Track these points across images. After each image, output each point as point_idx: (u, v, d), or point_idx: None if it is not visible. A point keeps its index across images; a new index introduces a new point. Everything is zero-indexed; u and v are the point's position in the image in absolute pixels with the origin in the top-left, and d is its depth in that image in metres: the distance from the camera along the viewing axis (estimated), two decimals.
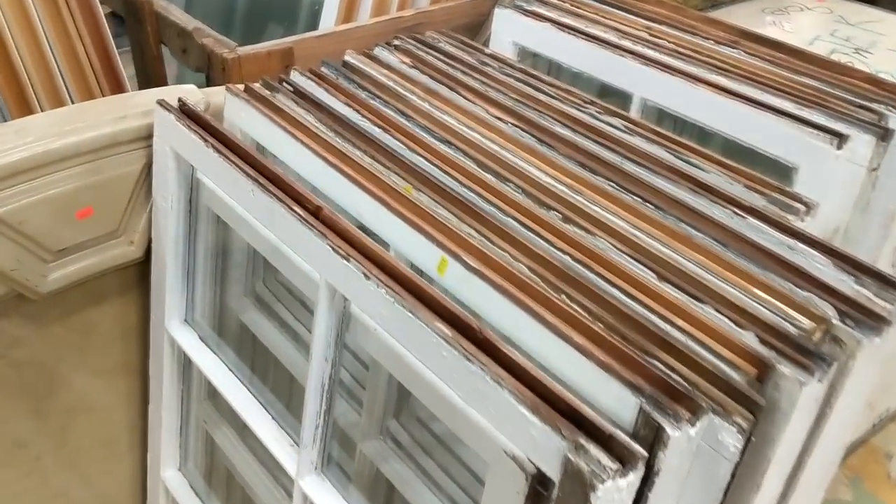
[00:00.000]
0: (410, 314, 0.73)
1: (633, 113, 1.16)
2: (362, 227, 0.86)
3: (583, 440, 0.61)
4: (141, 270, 1.14)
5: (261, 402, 1.01)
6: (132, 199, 1.07)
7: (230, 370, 1.05)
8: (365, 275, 0.77)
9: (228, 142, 0.94)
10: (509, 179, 0.91)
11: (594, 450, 0.61)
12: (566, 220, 0.85)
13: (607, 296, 0.75)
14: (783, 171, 1.04)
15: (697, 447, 0.67)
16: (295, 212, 0.84)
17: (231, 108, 1.05)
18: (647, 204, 0.87)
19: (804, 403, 0.69)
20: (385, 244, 0.87)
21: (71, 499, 1.22)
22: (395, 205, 0.86)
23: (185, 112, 0.99)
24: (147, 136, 1.04)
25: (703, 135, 1.15)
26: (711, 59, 1.15)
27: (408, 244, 0.84)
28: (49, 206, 0.99)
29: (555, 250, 0.81)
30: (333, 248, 0.79)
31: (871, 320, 0.73)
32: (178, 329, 1.10)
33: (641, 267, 0.79)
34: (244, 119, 1.03)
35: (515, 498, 0.67)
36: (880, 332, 0.73)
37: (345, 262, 0.78)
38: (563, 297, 0.76)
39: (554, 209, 0.86)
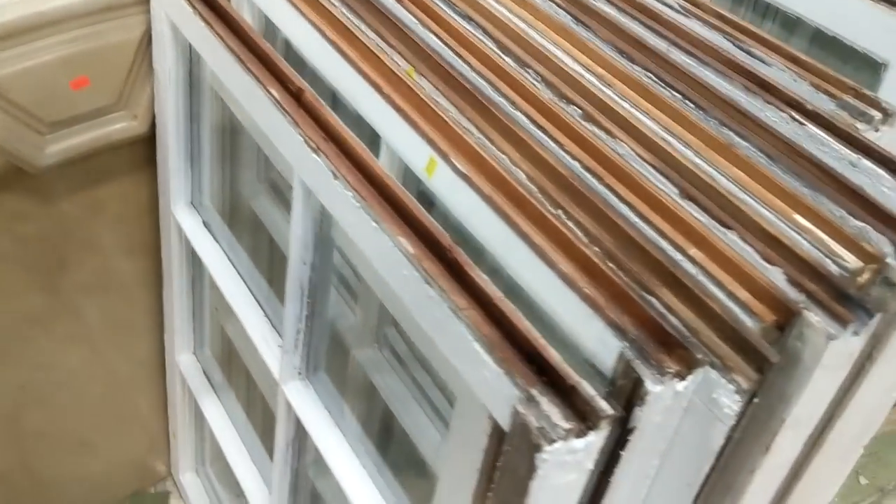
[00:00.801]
0: (375, 224, 0.63)
1: None
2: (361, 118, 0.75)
3: (536, 391, 0.51)
4: (151, 147, 1.06)
5: (256, 299, 0.94)
6: (133, 70, 0.98)
7: (229, 260, 0.98)
8: (333, 173, 0.66)
9: (220, 9, 0.84)
10: (529, 66, 0.78)
11: (546, 404, 0.50)
12: (587, 117, 0.72)
13: (614, 214, 0.63)
14: (875, 69, 0.86)
15: (690, 403, 0.56)
16: (270, 93, 0.73)
17: None
18: (688, 102, 0.73)
19: (833, 360, 0.56)
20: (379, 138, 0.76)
21: (87, 377, 1.20)
22: (388, 90, 0.74)
23: None
24: (147, 0, 0.95)
25: (787, 22, 0.98)
26: None
27: (398, 139, 0.73)
28: (39, 74, 0.92)
29: (564, 154, 0.69)
30: (305, 139, 0.69)
31: None
32: (184, 212, 1.03)
33: (664, 180, 0.66)
34: None
35: (479, 439, 0.58)
36: None
37: (314, 155, 0.68)
38: (560, 213, 0.64)
39: (575, 104, 0.73)
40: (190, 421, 1.25)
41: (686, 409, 0.56)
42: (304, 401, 0.83)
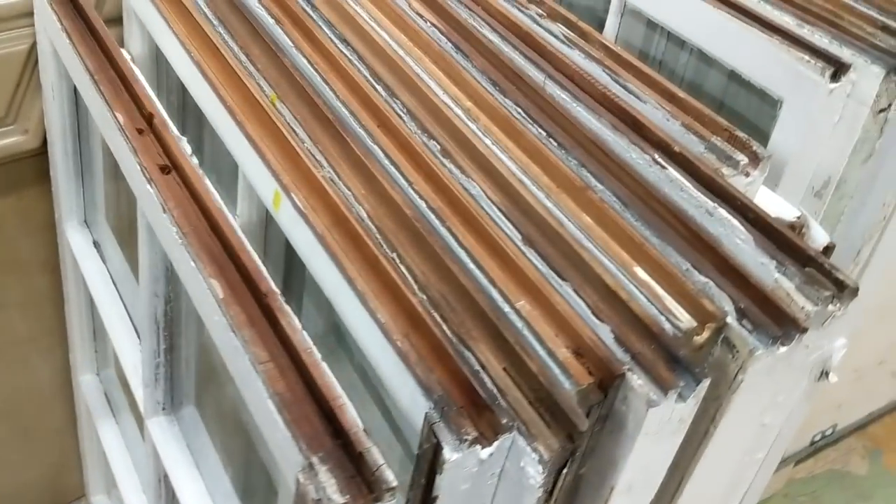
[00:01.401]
0: (192, 263, 0.59)
1: (612, 16, 0.96)
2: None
3: (317, 459, 0.48)
4: (47, 163, 1.03)
5: (134, 326, 0.91)
6: (21, 83, 0.95)
7: (112, 283, 0.95)
8: (162, 206, 0.63)
9: (90, 24, 0.81)
10: (398, 96, 0.74)
11: (325, 473, 0.47)
12: (444, 153, 0.69)
13: (450, 259, 0.60)
14: (773, 106, 0.83)
15: (504, 469, 0.52)
16: (116, 117, 0.70)
17: None
18: (551, 140, 0.69)
19: (656, 426, 0.53)
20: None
21: None
22: (243, 117, 0.71)
23: None
24: (31, 14, 0.92)
25: (704, 55, 0.94)
26: None
27: (249, 168, 0.70)
28: None
29: (412, 192, 0.66)
30: (141, 168, 0.66)
31: (776, 324, 0.55)
32: (74, 230, 1.00)
33: (509, 224, 0.63)
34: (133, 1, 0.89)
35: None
36: (788, 339, 0.55)
37: (147, 186, 0.65)
38: (395, 255, 0.61)
39: (435, 138, 0.70)
40: (96, 442, 1.22)
41: (500, 476, 0.53)
42: (165, 437, 0.80)
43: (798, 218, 0.67)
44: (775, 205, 0.68)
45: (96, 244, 0.99)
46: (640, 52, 1.01)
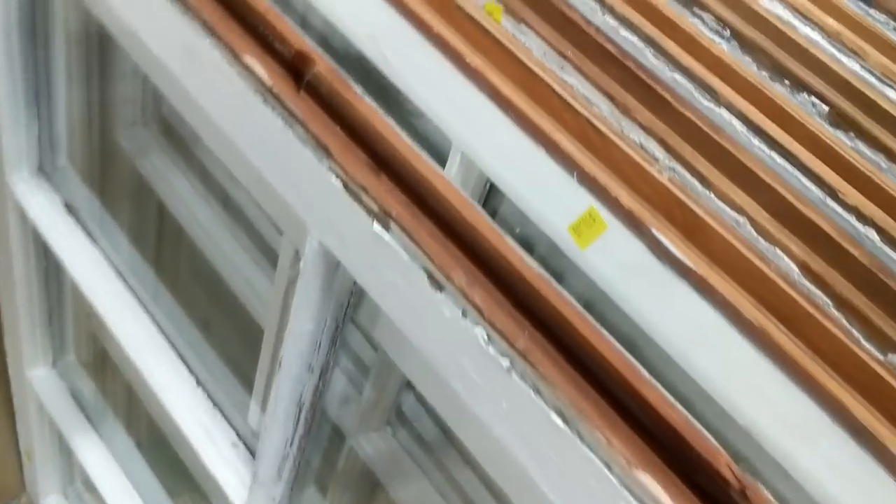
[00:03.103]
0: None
1: None
2: None
3: None
4: None
5: (167, 338, 0.58)
6: None
7: (112, 267, 0.60)
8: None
9: None
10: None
11: None
12: None
13: None
14: None
15: None
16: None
17: None
18: None
19: None
20: None
21: None
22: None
23: None
24: None
25: None
26: None
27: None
28: None
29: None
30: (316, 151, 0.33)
31: None
32: (27, 185, 0.63)
33: None
34: None
35: None
36: None
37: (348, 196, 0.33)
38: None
39: None
40: (50, 440, 0.89)
41: None
42: None
43: None
44: None
45: (67, 206, 0.63)
46: None
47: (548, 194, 0.36)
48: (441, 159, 0.49)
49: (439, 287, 0.33)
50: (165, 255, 0.73)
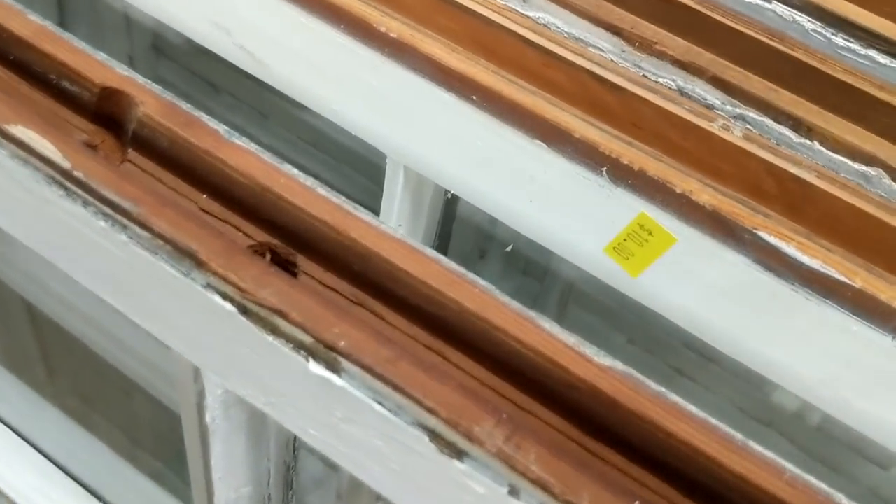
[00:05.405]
0: None
1: None
2: None
3: None
4: None
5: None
6: None
7: None
8: None
9: None
10: None
11: None
12: None
13: None
14: None
15: None
16: None
17: None
18: None
19: None
20: None
21: None
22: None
23: None
24: None
25: None
26: None
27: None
28: None
29: None
30: None
31: None
32: None
33: None
34: None
35: None
36: None
37: None
38: None
39: None
40: None
41: None
42: None
43: None
44: None
45: None
46: None
47: (563, 207, 0.24)
48: (377, 181, 0.37)
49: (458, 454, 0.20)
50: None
